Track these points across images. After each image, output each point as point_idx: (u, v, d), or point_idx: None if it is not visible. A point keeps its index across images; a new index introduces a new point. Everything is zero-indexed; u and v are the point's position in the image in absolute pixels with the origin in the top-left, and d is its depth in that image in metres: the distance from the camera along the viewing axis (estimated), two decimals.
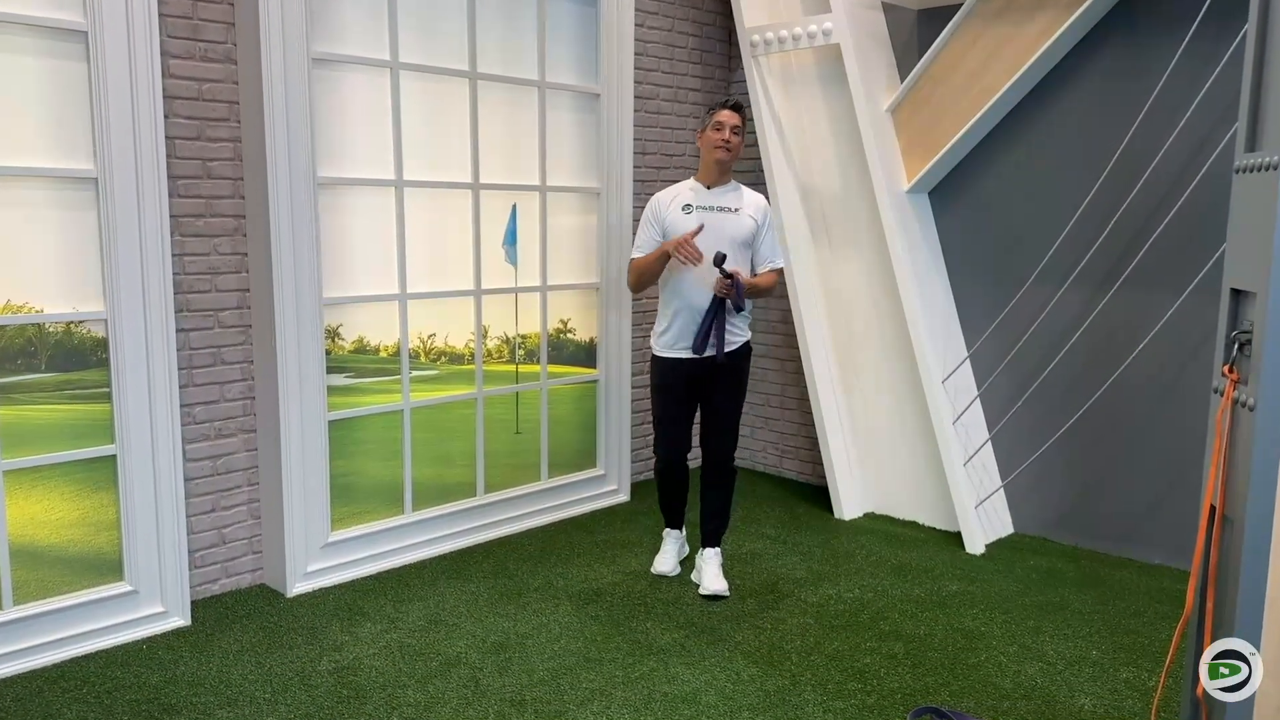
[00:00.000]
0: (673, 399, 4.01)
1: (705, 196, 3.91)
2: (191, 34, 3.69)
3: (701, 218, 3.86)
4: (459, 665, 3.41)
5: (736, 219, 3.88)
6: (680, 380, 3.96)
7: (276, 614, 3.82)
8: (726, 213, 3.88)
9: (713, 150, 3.86)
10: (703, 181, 3.94)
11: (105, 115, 3.38)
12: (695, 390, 3.99)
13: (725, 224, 3.86)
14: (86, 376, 3.48)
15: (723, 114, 3.86)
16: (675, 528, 4.30)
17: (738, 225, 3.88)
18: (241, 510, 4.02)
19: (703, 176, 3.95)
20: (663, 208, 3.95)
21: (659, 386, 4.03)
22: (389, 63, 4.12)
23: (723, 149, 3.85)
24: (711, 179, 3.93)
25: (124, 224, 3.45)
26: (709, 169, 3.92)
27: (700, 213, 3.87)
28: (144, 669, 3.38)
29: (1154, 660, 3.49)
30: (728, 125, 3.84)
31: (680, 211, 3.90)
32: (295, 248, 3.85)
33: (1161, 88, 4.08)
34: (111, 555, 3.59)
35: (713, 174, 3.92)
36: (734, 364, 3.95)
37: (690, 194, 3.93)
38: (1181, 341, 4.20)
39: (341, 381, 4.15)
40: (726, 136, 3.84)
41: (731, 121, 3.85)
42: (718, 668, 3.41)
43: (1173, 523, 4.31)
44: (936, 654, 3.53)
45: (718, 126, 3.85)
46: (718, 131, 3.85)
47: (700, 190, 3.93)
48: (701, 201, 3.90)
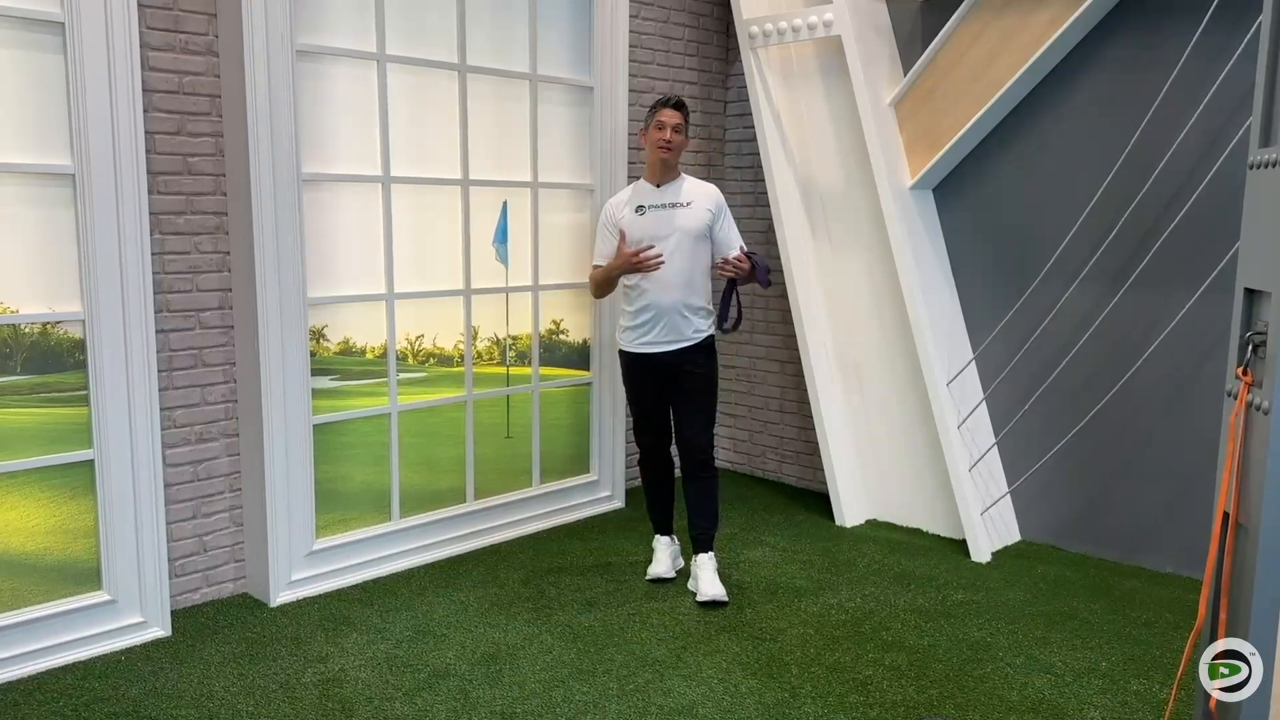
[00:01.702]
0: (644, 390, 4.14)
1: (654, 195, 4.04)
2: (172, 25, 3.68)
3: (654, 216, 3.99)
4: (448, 677, 3.40)
5: (689, 212, 4.00)
6: (646, 373, 4.09)
7: (259, 624, 3.81)
8: (678, 208, 4.00)
9: (655, 149, 3.99)
10: (650, 181, 4.07)
11: (83, 109, 3.37)
12: (663, 383, 4.10)
13: (676, 219, 3.99)
14: (63, 379, 3.47)
15: (664, 113, 3.98)
16: (665, 533, 4.36)
17: (691, 218, 3.99)
18: (223, 517, 4.01)
19: (650, 176, 4.08)
20: (616, 213, 4.09)
21: (628, 379, 4.19)
22: (375, 55, 4.12)
23: (664, 149, 3.97)
24: (658, 177, 4.05)
25: (102, 221, 3.44)
26: (654, 168, 4.05)
27: (653, 211, 4.01)
28: (123, 681, 3.36)
29: (1166, 672, 3.49)
30: (669, 125, 3.96)
31: (634, 214, 4.04)
32: (279, 246, 3.84)
33: (1174, 80, 4.09)
34: (89, 563, 3.58)
35: (658, 172, 4.04)
36: (694, 359, 4.04)
37: (639, 195, 4.07)
38: (1194, 343, 4.20)
39: (327, 384, 4.14)
40: (668, 137, 3.96)
41: (673, 120, 3.97)
42: (715, 680, 3.40)
43: (1185, 530, 4.31)
44: (941, 666, 3.53)
45: (659, 125, 3.97)
46: (659, 131, 3.97)
47: (648, 190, 4.06)
48: (652, 200, 4.03)
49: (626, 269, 3.95)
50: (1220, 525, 2.20)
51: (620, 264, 3.96)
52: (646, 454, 4.28)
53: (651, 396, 4.15)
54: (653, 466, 4.30)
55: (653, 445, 4.24)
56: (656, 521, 4.37)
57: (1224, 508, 2.18)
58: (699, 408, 4.11)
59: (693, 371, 4.05)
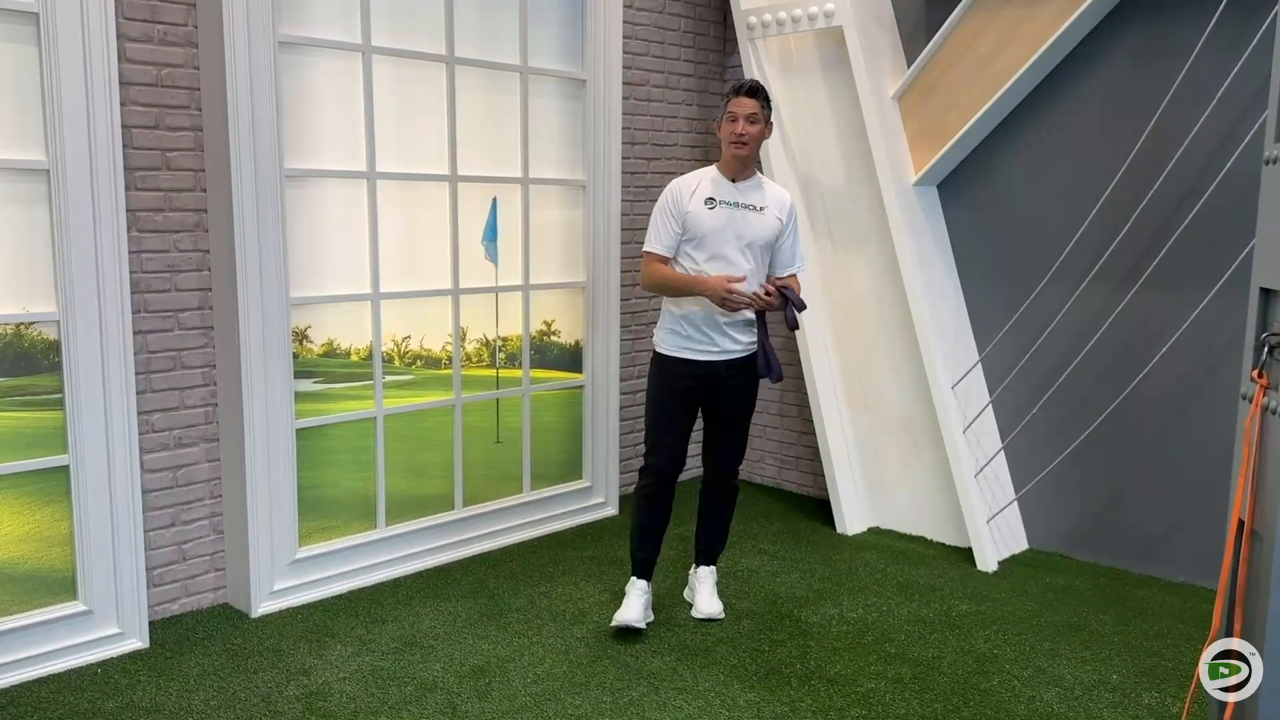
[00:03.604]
0: (675, 404, 3.83)
1: (729, 191, 3.74)
2: (149, 15, 3.68)
3: (725, 214, 3.72)
4: (435, 691, 3.40)
5: (761, 219, 3.74)
6: (687, 383, 3.79)
7: (240, 635, 3.80)
8: (750, 210, 3.73)
9: (728, 145, 3.71)
10: (725, 174, 3.77)
11: (57, 102, 3.37)
12: (701, 397, 3.85)
13: (748, 223, 3.72)
14: (37, 382, 3.46)
15: (736, 102, 3.68)
16: (644, 577, 3.96)
17: (761, 226, 3.74)
18: (203, 525, 4.01)
19: (724, 168, 3.78)
20: (684, 199, 3.75)
21: (660, 389, 3.84)
22: (360, 46, 4.11)
23: (737, 144, 3.68)
24: (733, 172, 3.76)
25: (77, 219, 3.44)
26: (729, 163, 3.76)
27: (724, 209, 3.71)
28: (99, 694, 3.36)
29: (1179, 684, 3.50)
30: (741, 115, 3.66)
31: (703, 206, 3.72)
32: (260, 244, 3.84)
33: (1186, 73, 4.10)
34: (64, 573, 3.57)
35: (734, 167, 3.75)
36: (747, 372, 3.85)
37: (713, 186, 3.75)
38: (1208, 344, 4.21)
39: (310, 387, 4.14)
40: (740, 129, 3.65)
41: (746, 110, 3.66)
42: (712, 693, 3.41)
43: (1198, 538, 4.31)
44: (946, 678, 3.53)
45: (731, 117, 3.68)
46: (731, 124, 3.67)
47: (723, 183, 3.76)
48: (725, 196, 3.73)
49: (712, 297, 3.65)
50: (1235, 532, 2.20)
51: (709, 292, 3.65)
52: (655, 480, 3.86)
53: (682, 410, 3.83)
54: (657, 496, 3.88)
55: (665, 470, 3.84)
56: (639, 561, 3.96)
57: (1239, 514, 2.18)
58: (738, 423, 3.91)
59: (736, 386, 3.83)
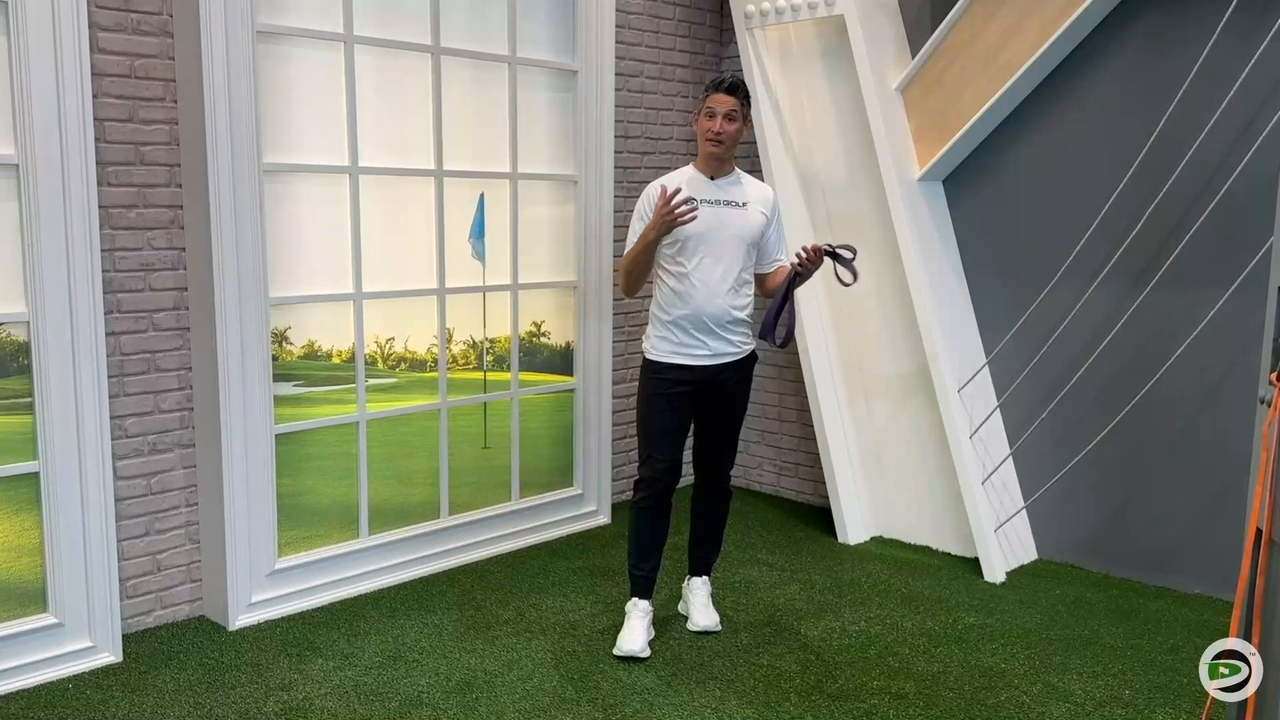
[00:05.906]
0: (670, 411, 3.82)
1: (708, 189, 3.76)
2: (123, 4, 3.69)
3: (706, 212, 3.71)
4: (420, 706, 3.42)
5: (744, 215, 3.77)
6: (681, 389, 3.80)
7: (217, 649, 3.81)
8: (733, 207, 3.76)
9: (704, 142, 3.74)
10: (704, 171, 3.80)
11: (26, 94, 3.38)
12: (696, 402, 3.86)
13: (731, 220, 3.74)
14: (5, 385, 3.48)
15: (713, 99, 3.71)
16: (645, 597, 3.92)
17: (745, 222, 3.76)
18: (179, 534, 4.02)
19: (702, 165, 3.81)
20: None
21: (652, 397, 3.83)
22: (342, 36, 4.13)
23: (714, 142, 3.71)
24: (711, 169, 3.79)
25: (48, 215, 3.45)
26: (706, 160, 3.78)
27: (705, 207, 3.70)
28: (70, 711, 3.36)
29: (1193, 701, 3.51)
30: (719, 112, 3.68)
31: None
32: (238, 242, 3.85)
33: (1201, 64, 4.11)
34: (34, 584, 3.58)
35: (711, 164, 3.79)
36: (741, 373, 3.88)
37: (692, 185, 3.75)
38: (1224, 346, 4.23)
39: (290, 390, 4.15)
40: (718, 127, 3.68)
41: (724, 107, 3.68)
42: (708, 709, 3.42)
43: (1214, 548, 4.33)
44: (951, 694, 3.55)
45: (709, 114, 3.70)
46: (709, 120, 3.70)
47: (701, 181, 3.78)
48: (705, 194, 3.74)
49: (663, 228, 3.60)
50: (1253, 542, 2.20)
51: (655, 223, 3.61)
52: (652, 492, 3.83)
53: (677, 417, 3.83)
54: (655, 509, 3.86)
55: (663, 481, 3.82)
56: (639, 580, 3.93)
57: (1257, 523, 2.18)
58: (731, 427, 3.94)
59: (731, 389, 3.85)
